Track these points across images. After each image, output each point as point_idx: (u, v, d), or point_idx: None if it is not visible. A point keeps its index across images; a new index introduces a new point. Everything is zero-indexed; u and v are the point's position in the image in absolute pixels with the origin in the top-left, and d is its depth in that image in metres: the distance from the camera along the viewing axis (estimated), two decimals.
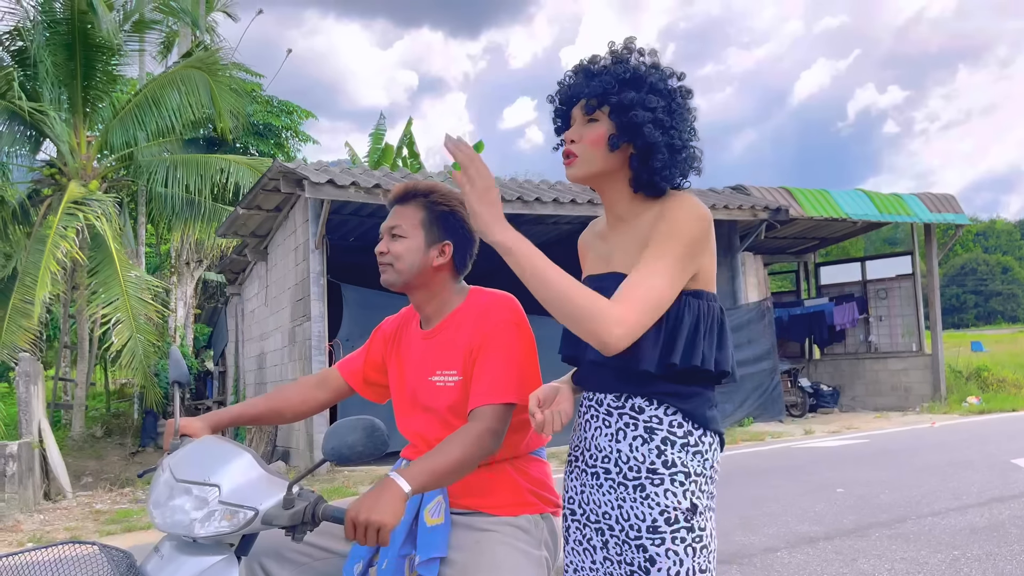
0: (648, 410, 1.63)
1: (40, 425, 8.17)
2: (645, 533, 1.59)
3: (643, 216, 1.68)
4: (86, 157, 13.10)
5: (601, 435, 1.67)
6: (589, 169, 1.68)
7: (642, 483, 1.60)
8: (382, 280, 2.01)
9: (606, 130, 1.65)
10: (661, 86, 1.64)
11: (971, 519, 5.43)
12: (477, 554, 1.81)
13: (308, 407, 2.21)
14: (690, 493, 1.60)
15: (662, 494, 1.59)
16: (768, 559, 4.61)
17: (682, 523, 1.58)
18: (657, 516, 1.58)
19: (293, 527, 1.60)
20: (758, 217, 12.78)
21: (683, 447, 1.61)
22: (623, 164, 1.67)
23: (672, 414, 1.62)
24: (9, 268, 13.05)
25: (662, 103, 1.62)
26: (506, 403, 1.82)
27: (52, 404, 13.95)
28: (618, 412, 1.65)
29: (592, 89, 1.65)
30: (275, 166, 9.63)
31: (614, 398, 1.66)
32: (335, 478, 8.83)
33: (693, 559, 1.58)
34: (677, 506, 1.58)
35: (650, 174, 1.64)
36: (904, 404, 15.07)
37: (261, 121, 17.80)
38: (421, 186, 2.02)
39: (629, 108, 1.61)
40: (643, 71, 1.64)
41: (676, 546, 1.57)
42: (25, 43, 12.79)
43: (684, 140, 1.65)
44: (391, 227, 1.99)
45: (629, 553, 1.61)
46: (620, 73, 1.64)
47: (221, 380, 16.21)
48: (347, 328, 10.51)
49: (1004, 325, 60.68)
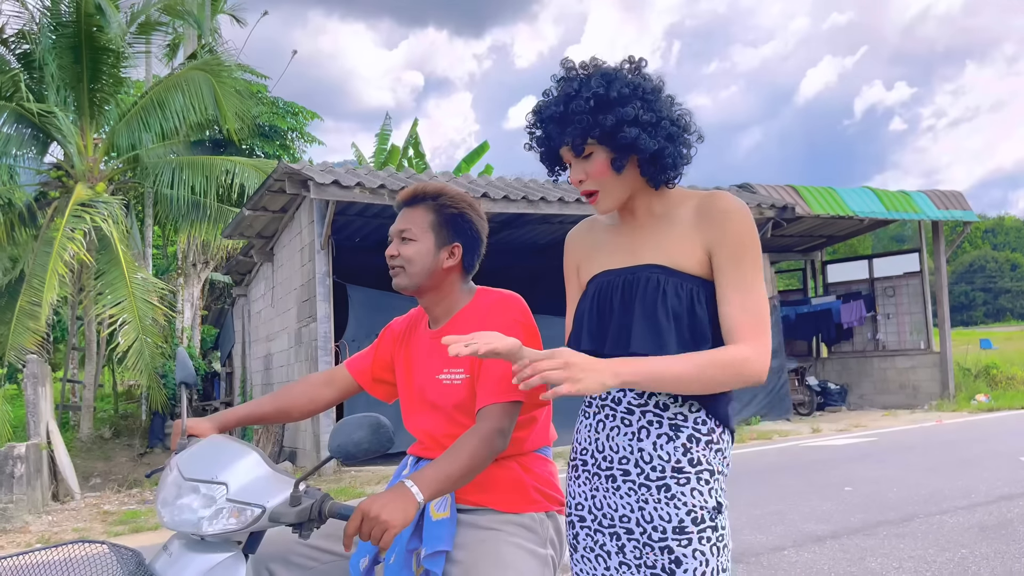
0: (673, 407, 1.62)
1: (48, 427, 8.21)
2: (671, 534, 1.57)
3: (678, 210, 1.67)
4: (92, 159, 13.14)
5: (620, 435, 1.64)
6: (614, 199, 1.66)
7: (667, 483, 1.58)
8: (394, 284, 2.01)
9: (605, 157, 1.62)
10: (626, 91, 1.59)
11: (980, 517, 5.41)
12: (483, 553, 1.81)
13: (315, 405, 2.22)
14: (715, 492, 1.59)
15: (689, 493, 1.57)
16: (775, 558, 4.60)
17: (708, 522, 1.57)
18: (684, 516, 1.56)
19: (300, 524, 1.61)
20: (764, 215, 12.76)
21: (707, 444, 1.60)
22: (637, 175, 1.65)
23: (696, 411, 1.61)
24: (16, 271, 13.10)
25: (637, 104, 1.58)
26: (513, 401, 1.83)
27: (60, 406, 14.00)
28: (640, 410, 1.63)
29: (571, 133, 1.61)
30: (280, 167, 9.65)
31: (635, 396, 1.64)
32: (342, 478, 8.84)
33: (717, 559, 1.57)
34: (704, 505, 1.57)
35: (664, 169, 1.63)
36: (912, 402, 15.02)
37: (266, 122, 17.83)
38: (429, 188, 2.02)
39: (615, 131, 1.58)
40: (602, 89, 1.58)
41: (703, 546, 1.56)
42: (31, 46, 12.84)
43: (674, 121, 1.62)
44: (401, 230, 1.99)
45: (651, 556, 1.58)
46: (584, 106, 1.58)
47: (228, 381, 16.25)
48: (353, 329, 10.53)
49: (1013, 322, 60.46)
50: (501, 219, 12.06)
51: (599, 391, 1.44)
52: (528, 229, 12.89)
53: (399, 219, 2.02)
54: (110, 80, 13.04)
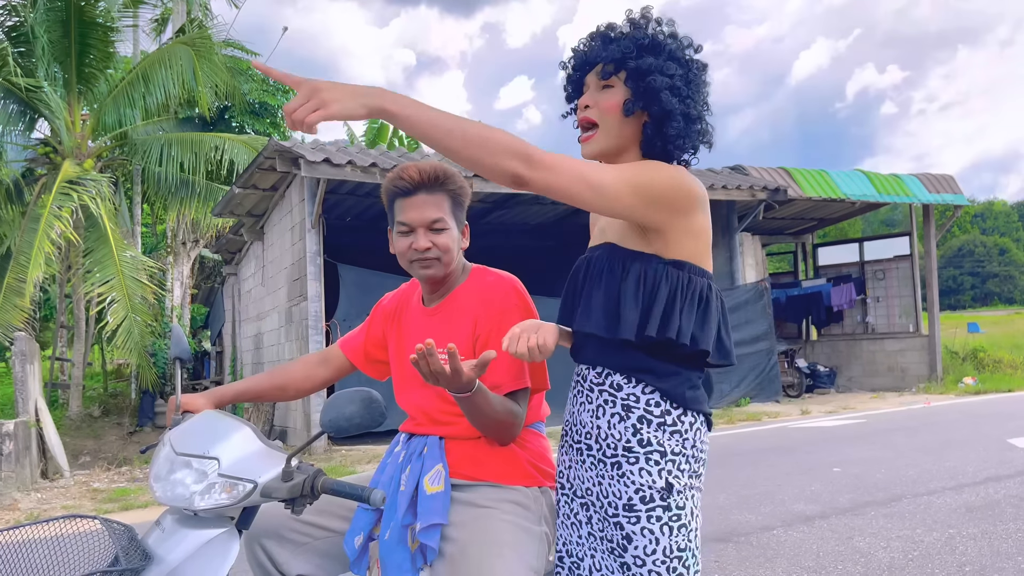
0: (626, 388, 1.63)
1: (37, 404, 8.17)
2: (621, 511, 1.60)
3: None
4: (81, 136, 12.99)
5: (584, 411, 1.69)
6: (608, 140, 1.65)
7: (618, 461, 1.61)
8: (426, 274, 1.94)
9: (622, 96, 1.63)
10: (680, 54, 1.63)
11: (967, 498, 5.45)
12: (478, 530, 1.81)
13: (311, 384, 2.21)
14: (666, 472, 1.59)
15: (636, 472, 1.59)
16: (764, 537, 4.63)
17: (657, 502, 1.58)
18: (632, 494, 1.59)
19: (292, 500, 1.60)
20: (756, 197, 12.76)
21: (660, 426, 1.61)
22: (636, 134, 1.65)
23: (650, 392, 1.62)
24: (3, 248, 12.99)
25: (680, 71, 1.61)
26: (524, 388, 1.88)
27: (49, 384, 13.94)
28: (599, 389, 1.67)
29: (610, 53, 1.62)
30: (271, 144, 9.57)
31: (596, 374, 1.67)
32: (332, 456, 8.85)
33: (670, 538, 1.58)
34: (651, 485, 1.58)
35: (664, 141, 1.63)
36: (901, 385, 15.13)
37: (257, 99, 17.66)
38: (439, 171, 1.94)
39: (647, 73, 1.59)
40: (661, 39, 1.63)
41: (651, 524, 1.57)
42: (21, 18, 12.64)
43: (699, 111, 1.64)
44: (432, 221, 1.90)
45: (609, 530, 1.62)
46: (639, 38, 1.62)
47: (218, 360, 16.21)
48: (344, 308, 10.51)
49: (1000, 307, 60.88)
50: (493, 199, 12.03)
51: (355, 115, 1.34)
52: (520, 210, 12.86)
53: (421, 206, 1.91)
54: (99, 55, 12.86)
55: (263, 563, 1.94)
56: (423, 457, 1.90)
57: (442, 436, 1.92)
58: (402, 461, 1.94)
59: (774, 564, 4.12)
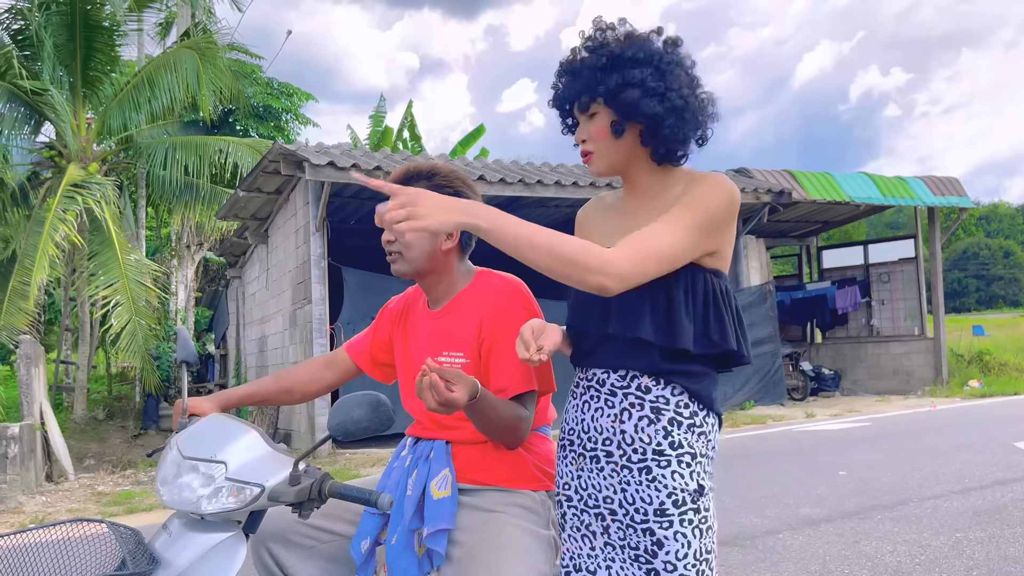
0: (655, 390, 1.61)
1: (42, 407, 8.19)
2: (652, 516, 1.57)
3: (672, 189, 1.66)
4: (86, 139, 13.02)
5: (603, 416, 1.65)
6: (606, 162, 1.67)
7: (648, 465, 1.59)
8: (393, 270, 1.98)
9: (607, 119, 1.63)
10: (640, 55, 1.59)
11: (974, 502, 5.43)
12: (485, 535, 1.80)
13: (317, 387, 2.21)
14: (696, 474, 1.59)
15: (669, 476, 1.57)
16: (770, 541, 4.61)
17: (689, 505, 1.57)
18: (665, 499, 1.57)
19: (299, 504, 1.60)
20: (761, 200, 12.73)
21: (689, 428, 1.60)
22: (636, 144, 1.65)
23: (679, 394, 1.61)
24: (8, 251, 13.02)
25: (648, 71, 1.58)
26: (531, 391, 1.87)
27: (54, 387, 13.96)
28: (623, 392, 1.63)
29: (579, 89, 1.63)
30: (275, 148, 9.58)
31: (619, 377, 1.64)
32: (337, 460, 8.84)
33: (700, 540, 1.57)
34: (685, 487, 1.57)
35: (664, 143, 1.62)
36: (906, 388, 15.08)
37: (261, 103, 17.70)
38: (423, 168, 1.97)
39: (618, 92, 1.58)
40: (618, 49, 1.60)
41: (684, 528, 1.56)
42: (26, 22, 12.69)
43: (684, 96, 1.60)
44: None
45: (634, 537, 1.59)
46: (596, 62, 1.60)
47: (222, 363, 16.22)
48: (348, 311, 10.50)
49: (1006, 309, 60.75)
50: (497, 203, 12.01)
51: (445, 228, 1.40)
52: (524, 212, 12.86)
53: None
54: (104, 59, 12.90)
55: (269, 567, 1.93)
56: (429, 461, 1.89)
57: (448, 440, 1.92)
58: (409, 465, 1.93)
59: (780, 568, 4.11)
